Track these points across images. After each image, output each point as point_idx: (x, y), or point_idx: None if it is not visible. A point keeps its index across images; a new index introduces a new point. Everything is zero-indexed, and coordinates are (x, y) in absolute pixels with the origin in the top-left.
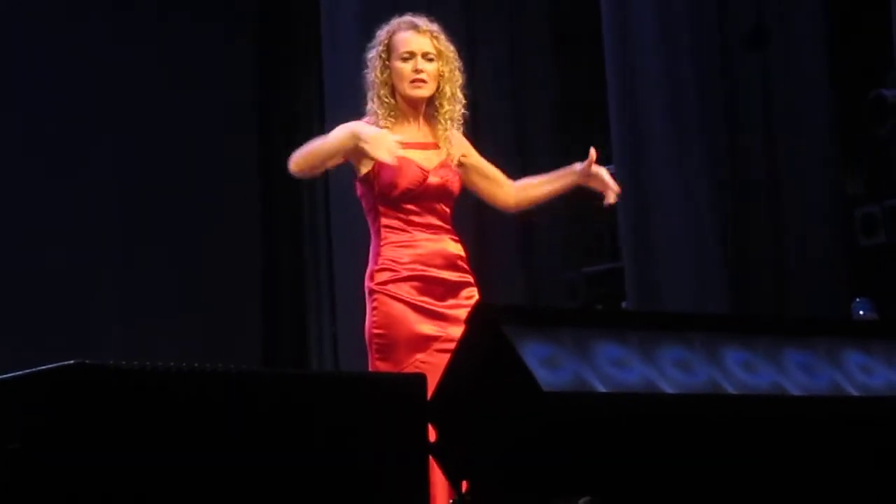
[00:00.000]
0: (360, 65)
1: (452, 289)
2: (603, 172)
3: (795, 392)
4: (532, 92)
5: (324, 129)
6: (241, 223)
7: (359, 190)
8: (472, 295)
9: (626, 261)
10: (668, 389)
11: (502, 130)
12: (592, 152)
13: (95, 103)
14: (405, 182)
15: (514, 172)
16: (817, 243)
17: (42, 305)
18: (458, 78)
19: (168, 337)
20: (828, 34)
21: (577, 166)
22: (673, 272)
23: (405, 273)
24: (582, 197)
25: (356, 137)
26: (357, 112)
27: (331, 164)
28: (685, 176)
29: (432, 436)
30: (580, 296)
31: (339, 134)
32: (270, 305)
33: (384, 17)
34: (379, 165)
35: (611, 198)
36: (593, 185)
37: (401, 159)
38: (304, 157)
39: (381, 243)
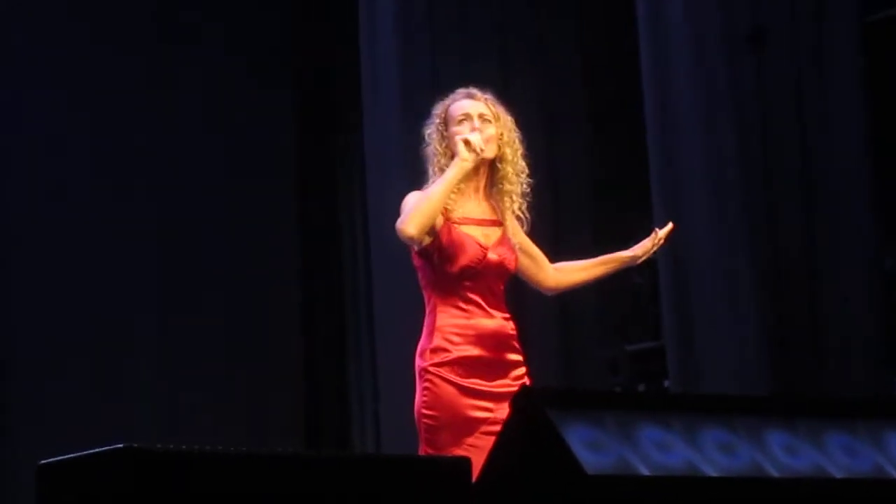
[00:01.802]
0: (399, 114)
1: (502, 369)
2: (645, 246)
3: (838, 475)
4: (568, 167)
5: (365, 187)
6: (281, 298)
7: (416, 261)
8: (521, 375)
9: (667, 339)
10: (711, 472)
11: (537, 206)
12: (660, 233)
13: (133, 157)
14: (465, 258)
15: (548, 246)
16: (858, 322)
17: (77, 368)
18: (518, 145)
19: (210, 415)
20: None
21: (625, 253)
22: (714, 351)
23: (457, 354)
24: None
25: (462, 160)
26: (398, 165)
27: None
28: (726, 256)
29: None
30: (622, 373)
31: (442, 178)
32: (312, 382)
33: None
34: (440, 239)
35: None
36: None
37: (461, 234)
38: (420, 214)
39: (436, 321)
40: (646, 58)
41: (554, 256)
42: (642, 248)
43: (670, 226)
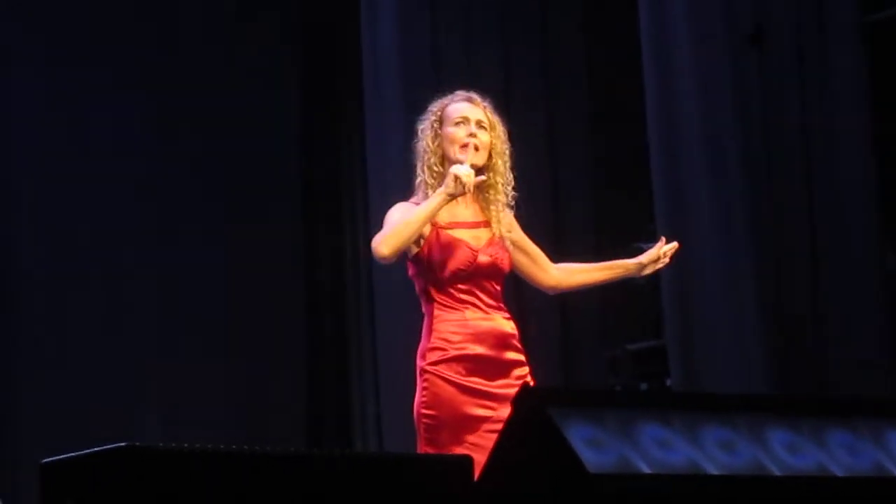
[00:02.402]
0: (403, 134)
1: (503, 368)
2: (652, 256)
3: (839, 473)
4: (570, 163)
5: (367, 191)
6: (284, 300)
7: (410, 270)
8: (523, 374)
9: (668, 339)
10: (712, 470)
11: (540, 204)
12: (666, 248)
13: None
14: (454, 263)
15: (550, 245)
16: (860, 322)
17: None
18: (508, 155)
19: (211, 416)
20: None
21: (632, 262)
22: (715, 350)
23: (454, 353)
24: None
25: (447, 192)
26: (399, 176)
27: (414, 241)
28: (728, 255)
29: None
30: (624, 373)
31: (424, 205)
32: (314, 383)
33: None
34: (429, 246)
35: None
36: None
37: (450, 239)
38: (396, 237)
39: (433, 322)
40: (647, 56)
41: (556, 256)
42: (648, 258)
43: (676, 245)
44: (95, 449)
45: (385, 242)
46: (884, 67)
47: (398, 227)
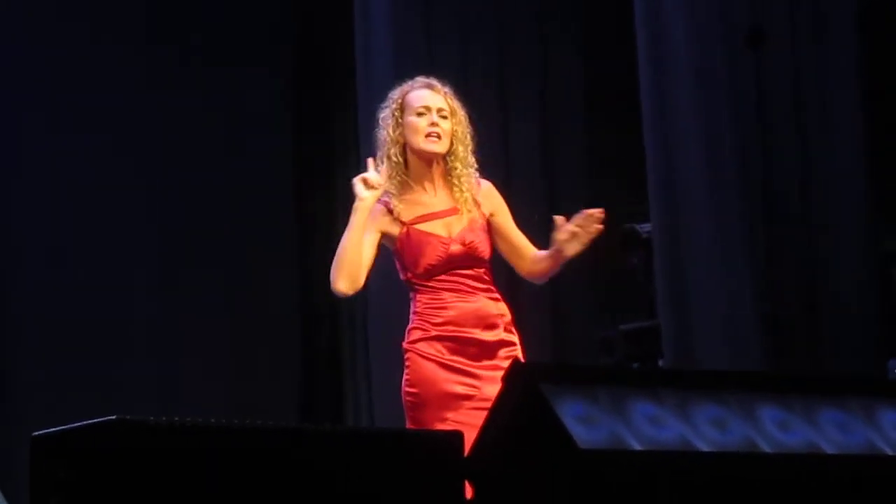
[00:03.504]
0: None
1: (488, 349)
2: (572, 228)
3: (830, 450)
4: (564, 156)
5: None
6: (278, 284)
7: (396, 262)
8: (511, 355)
9: (661, 318)
10: (704, 447)
11: (534, 202)
12: (559, 220)
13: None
14: (426, 259)
15: (543, 235)
16: (853, 301)
17: (79, 359)
18: (469, 141)
19: (204, 395)
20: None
21: (558, 243)
22: (708, 331)
23: (435, 332)
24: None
25: (359, 201)
26: None
27: (368, 257)
28: (721, 235)
29: (469, 493)
30: (617, 353)
31: (349, 225)
32: (307, 366)
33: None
34: (401, 244)
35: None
36: (581, 239)
37: (419, 235)
38: (340, 269)
39: (416, 307)
40: (643, 53)
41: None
42: (566, 234)
43: (600, 211)
44: (87, 422)
45: (336, 280)
46: (882, 64)
47: (337, 259)
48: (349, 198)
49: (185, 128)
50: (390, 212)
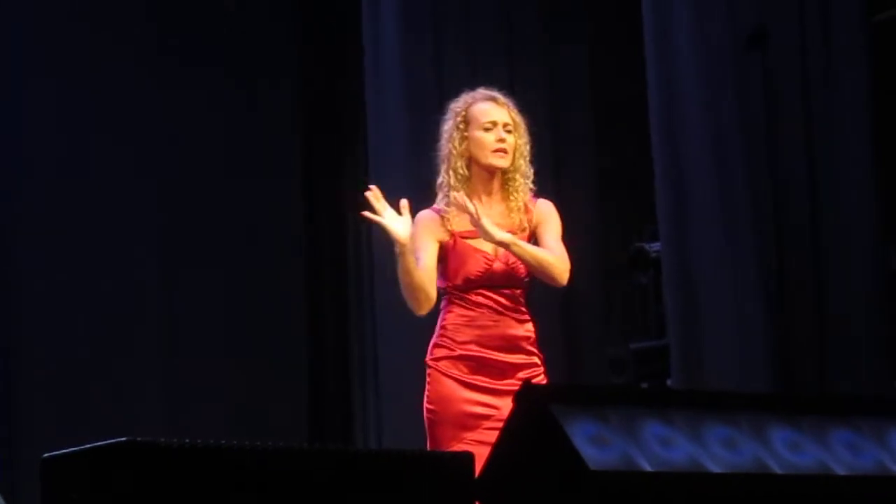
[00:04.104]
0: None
1: (511, 370)
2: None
3: (841, 471)
4: (573, 162)
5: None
6: (285, 298)
7: (437, 267)
8: (533, 376)
9: (671, 338)
10: (714, 468)
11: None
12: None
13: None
14: (466, 271)
15: None
16: (861, 322)
17: (80, 359)
18: (528, 152)
19: (213, 414)
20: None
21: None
22: (718, 351)
23: (459, 352)
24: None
25: (400, 253)
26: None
27: (430, 268)
28: (731, 256)
29: None
30: (627, 372)
31: (400, 263)
32: (316, 382)
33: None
34: (443, 252)
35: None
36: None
37: (465, 248)
38: (410, 299)
39: (443, 321)
40: (651, 56)
41: None
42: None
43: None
44: (97, 443)
45: (414, 308)
46: (889, 67)
47: (403, 289)
48: (357, 196)
49: (187, 127)
50: (443, 220)
